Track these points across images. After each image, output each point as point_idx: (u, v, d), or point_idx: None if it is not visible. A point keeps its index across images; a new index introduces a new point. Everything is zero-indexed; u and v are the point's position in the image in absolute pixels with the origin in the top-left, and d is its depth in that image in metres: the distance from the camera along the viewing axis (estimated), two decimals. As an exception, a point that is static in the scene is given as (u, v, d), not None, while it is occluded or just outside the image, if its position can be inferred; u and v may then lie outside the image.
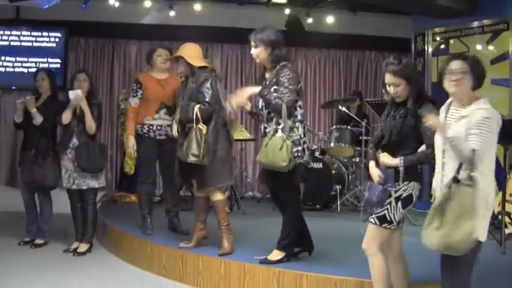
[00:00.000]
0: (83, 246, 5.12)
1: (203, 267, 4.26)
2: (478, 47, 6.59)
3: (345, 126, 6.77)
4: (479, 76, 2.87)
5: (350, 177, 6.94)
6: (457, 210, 2.71)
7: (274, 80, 3.94)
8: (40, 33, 7.48)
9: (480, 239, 2.78)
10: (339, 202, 6.52)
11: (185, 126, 4.32)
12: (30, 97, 5.25)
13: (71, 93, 4.91)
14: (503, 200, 4.77)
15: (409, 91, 3.15)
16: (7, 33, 7.41)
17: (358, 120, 6.66)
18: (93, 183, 5.06)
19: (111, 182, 7.68)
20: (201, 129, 4.14)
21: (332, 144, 6.72)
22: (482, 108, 2.81)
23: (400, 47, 7.04)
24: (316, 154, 6.81)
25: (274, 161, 3.77)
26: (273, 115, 3.92)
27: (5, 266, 4.67)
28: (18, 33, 7.44)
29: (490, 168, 2.85)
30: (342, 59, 8.45)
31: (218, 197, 4.35)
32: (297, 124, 3.91)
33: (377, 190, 3.14)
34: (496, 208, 4.66)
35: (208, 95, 4.23)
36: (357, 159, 6.84)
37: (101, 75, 7.83)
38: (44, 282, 4.30)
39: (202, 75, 4.33)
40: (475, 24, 6.64)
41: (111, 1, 7.21)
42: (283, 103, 3.81)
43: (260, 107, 4.01)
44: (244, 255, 4.23)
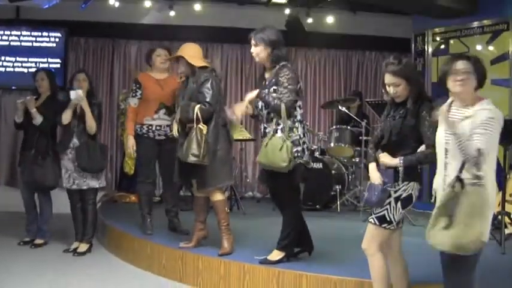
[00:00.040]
0: (83, 246, 5.12)
1: (203, 268, 4.26)
2: (478, 47, 6.59)
3: (345, 126, 6.76)
4: (482, 76, 2.88)
5: (350, 177, 6.94)
6: (468, 210, 2.69)
7: (273, 80, 3.94)
8: (40, 33, 7.48)
9: (484, 239, 2.78)
10: (338, 202, 6.52)
11: (185, 126, 4.32)
12: (31, 97, 5.25)
13: (72, 93, 4.91)
14: (503, 200, 4.77)
15: (409, 91, 3.14)
16: (7, 33, 7.41)
17: (358, 120, 6.66)
18: (94, 183, 5.06)
19: (111, 182, 7.67)
20: (202, 129, 4.14)
21: (332, 145, 6.72)
22: (487, 109, 2.81)
23: (400, 47, 7.04)
24: (316, 154, 6.81)
25: (274, 161, 3.77)
26: (273, 115, 3.92)
27: (5, 266, 4.67)
28: (18, 33, 7.44)
29: (491, 168, 2.85)
30: (342, 59, 8.44)
31: (218, 197, 4.35)
32: (296, 124, 3.91)
33: (377, 190, 3.14)
34: (496, 208, 4.65)
35: (208, 95, 4.24)
36: (357, 160, 6.84)
37: (101, 75, 7.83)
38: (44, 282, 4.30)
39: (202, 75, 4.33)
40: (475, 24, 6.63)
41: (111, 1, 7.20)
42: (282, 103, 3.81)
43: (260, 107, 4.01)
44: (244, 256, 4.23)
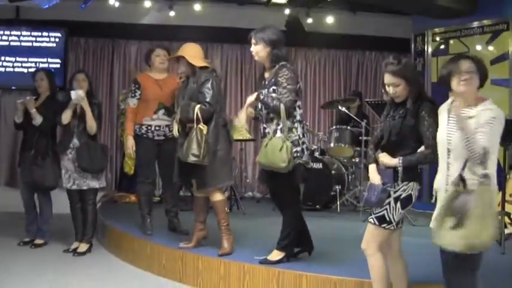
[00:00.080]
0: (83, 247, 5.12)
1: (203, 268, 4.26)
2: (478, 48, 6.59)
3: (345, 126, 6.76)
4: (484, 76, 2.89)
5: (350, 177, 6.94)
6: (480, 210, 2.68)
7: (272, 80, 3.94)
8: (40, 33, 7.49)
9: (496, 237, 2.77)
10: (338, 202, 6.53)
11: (185, 126, 4.32)
12: (30, 97, 5.25)
13: (72, 93, 4.91)
14: (503, 200, 4.77)
15: (408, 91, 3.14)
16: (7, 33, 7.42)
17: (358, 120, 6.66)
18: (94, 184, 5.06)
19: (111, 182, 7.67)
20: (202, 129, 4.14)
21: (332, 145, 6.72)
22: (490, 109, 2.82)
23: (400, 47, 7.04)
24: (316, 154, 6.81)
25: (273, 161, 3.77)
26: (272, 115, 3.92)
27: (5, 266, 4.67)
28: (18, 33, 7.45)
29: (493, 168, 2.85)
30: (342, 59, 8.45)
31: (218, 197, 4.35)
32: (295, 125, 3.91)
33: (376, 190, 3.14)
34: (496, 208, 4.65)
35: (209, 95, 4.23)
36: (357, 160, 6.84)
37: (100, 75, 7.84)
38: (44, 282, 4.30)
39: (203, 75, 4.33)
40: (475, 24, 6.63)
41: (111, 1, 7.21)
42: (282, 104, 3.81)
43: (260, 108, 4.02)
44: (244, 256, 4.22)
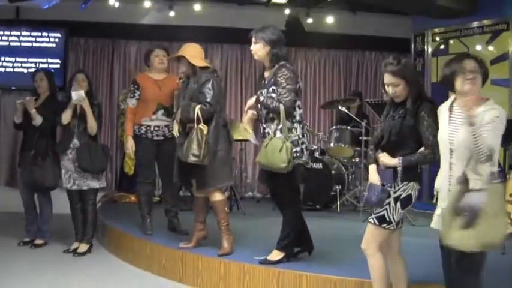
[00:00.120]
0: (83, 247, 5.12)
1: (203, 268, 4.26)
2: (478, 48, 6.59)
3: (345, 126, 6.76)
4: (485, 76, 2.90)
5: (350, 177, 6.94)
6: (492, 208, 2.67)
7: (272, 80, 3.94)
8: (40, 34, 7.49)
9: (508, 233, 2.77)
10: (338, 202, 6.52)
11: (186, 126, 4.32)
12: (30, 98, 5.25)
13: (73, 93, 4.91)
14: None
15: (408, 91, 3.14)
16: (7, 33, 7.41)
17: (358, 120, 6.66)
18: (94, 184, 5.06)
19: (111, 182, 7.67)
20: (202, 129, 4.14)
21: (332, 145, 6.72)
22: (493, 108, 2.83)
23: (400, 47, 7.04)
24: (316, 154, 6.81)
25: (273, 162, 3.78)
26: (272, 115, 3.92)
27: (5, 266, 4.67)
28: (18, 33, 7.45)
29: (496, 166, 2.85)
30: (342, 59, 8.44)
31: (218, 197, 4.35)
32: (295, 125, 3.91)
33: (376, 190, 3.14)
34: (506, 207, 4.65)
35: (209, 96, 4.23)
36: (357, 160, 6.84)
37: (100, 75, 7.83)
38: (44, 282, 4.30)
39: (203, 75, 4.33)
40: (475, 24, 6.63)
41: (111, 1, 7.21)
42: (281, 104, 3.81)
43: (259, 107, 4.02)
44: (244, 256, 4.22)
